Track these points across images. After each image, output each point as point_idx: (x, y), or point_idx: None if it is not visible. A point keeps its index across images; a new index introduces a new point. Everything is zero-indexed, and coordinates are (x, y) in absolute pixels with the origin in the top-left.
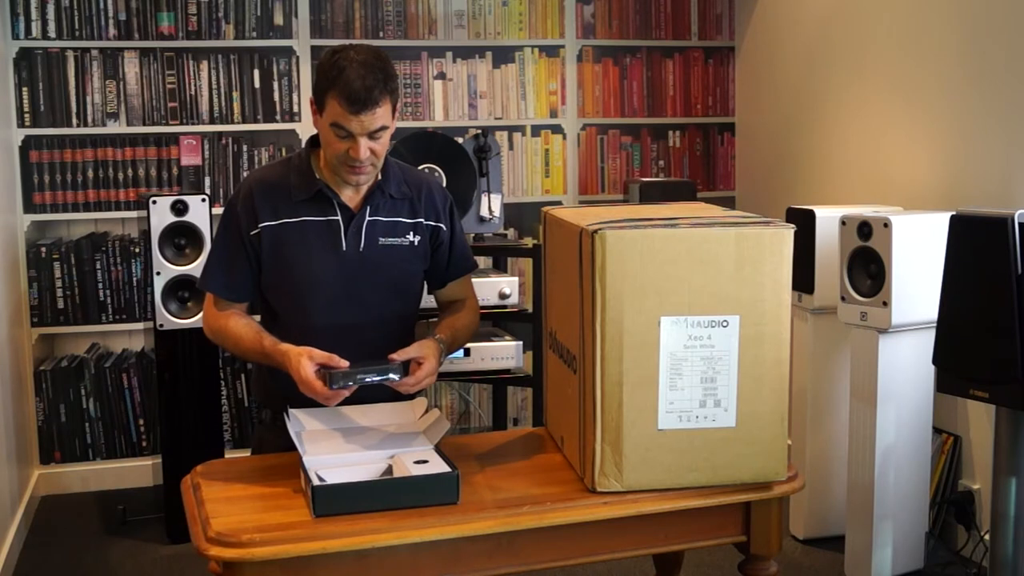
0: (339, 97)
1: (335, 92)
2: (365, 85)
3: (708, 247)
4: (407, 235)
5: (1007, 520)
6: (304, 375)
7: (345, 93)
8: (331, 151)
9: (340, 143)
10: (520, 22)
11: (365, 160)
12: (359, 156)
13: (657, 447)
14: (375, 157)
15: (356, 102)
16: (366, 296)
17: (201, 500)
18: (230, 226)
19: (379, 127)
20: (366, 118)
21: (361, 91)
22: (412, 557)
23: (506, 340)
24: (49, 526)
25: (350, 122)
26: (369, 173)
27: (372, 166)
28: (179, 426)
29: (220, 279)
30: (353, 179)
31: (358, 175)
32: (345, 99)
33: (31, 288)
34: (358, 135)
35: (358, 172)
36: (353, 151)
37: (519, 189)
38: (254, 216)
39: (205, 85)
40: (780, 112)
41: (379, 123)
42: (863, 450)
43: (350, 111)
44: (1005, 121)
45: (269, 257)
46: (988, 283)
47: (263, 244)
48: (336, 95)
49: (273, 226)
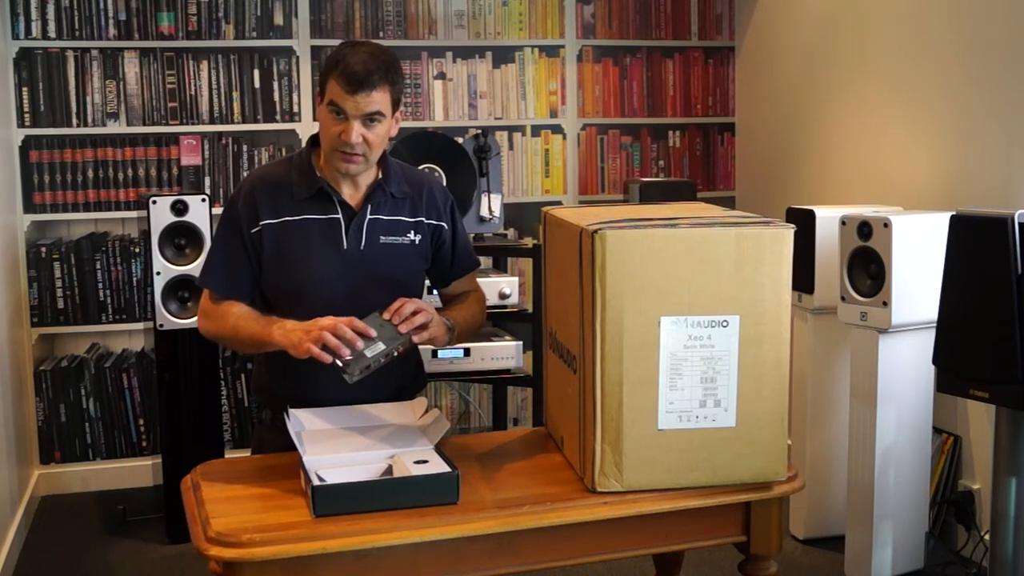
0: (338, 77)
1: (335, 73)
2: (366, 68)
3: (708, 247)
4: (408, 234)
5: (1007, 520)
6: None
7: (345, 74)
8: (327, 137)
9: (335, 126)
10: (520, 22)
11: (356, 145)
12: (350, 139)
13: (657, 447)
14: (367, 147)
15: (353, 81)
16: (367, 294)
17: (201, 500)
18: (231, 224)
19: (374, 111)
20: (361, 99)
21: (361, 73)
22: (412, 557)
23: (506, 340)
24: (49, 526)
25: (345, 101)
26: (359, 163)
27: (363, 156)
28: (179, 426)
29: (221, 277)
30: (344, 167)
31: (348, 162)
32: (345, 79)
33: (31, 288)
34: (351, 116)
35: (349, 159)
36: (345, 134)
37: (519, 189)
38: (255, 214)
39: (205, 85)
40: (780, 112)
41: (374, 107)
42: (863, 450)
43: (346, 90)
44: (1005, 121)
45: (270, 255)
46: (988, 283)
47: (264, 242)
48: (336, 76)
49: (274, 224)
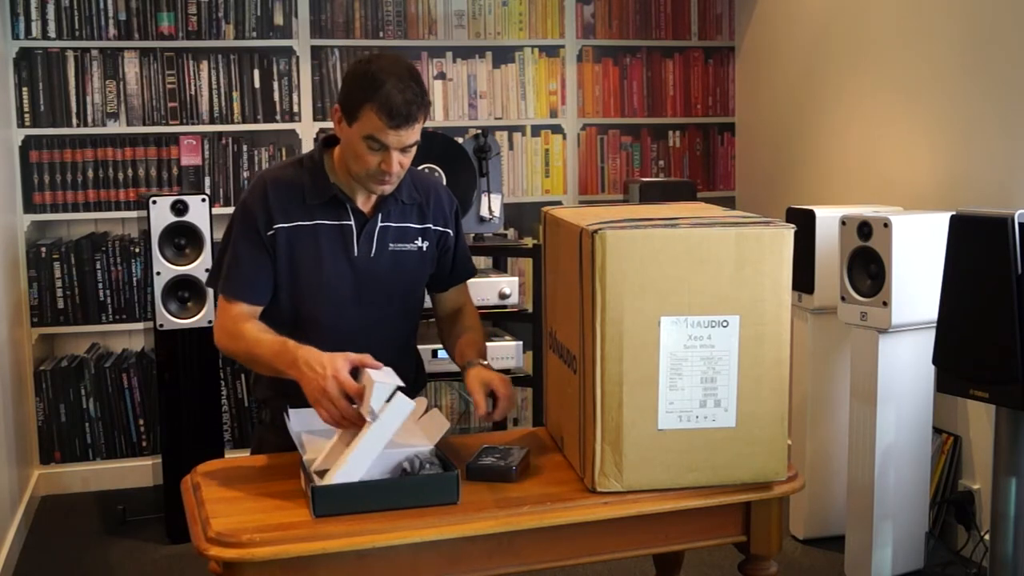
0: (379, 111)
1: (374, 105)
2: (406, 100)
3: (708, 247)
4: (416, 240)
5: (1007, 520)
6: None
7: (386, 108)
8: (360, 164)
9: (371, 156)
10: (520, 22)
11: (395, 174)
12: (391, 170)
13: (657, 447)
14: (402, 170)
15: (397, 116)
16: (374, 300)
17: (201, 500)
18: (248, 225)
19: (414, 141)
20: (404, 133)
21: (402, 106)
22: (412, 557)
23: (506, 340)
24: (49, 526)
25: (387, 136)
26: (395, 184)
27: (398, 178)
28: (179, 426)
29: (244, 281)
30: (380, 189)
31: (384, 186)
32: (386, 114)
33: (31, 288)
34: (393, 149)
35: (386, 183)
36: (386, 164)
37: (519, 189)
38: (269, 216)
39: (205, 85)
40: (780, 112)
41: (414, 138)
42: (863, 450)
43: (389, 125)
44: (1005, 121)
45: (282, 258)
46: (988, 283)
47: (277, 245)
48: (375, 108)
49: (286, 228)
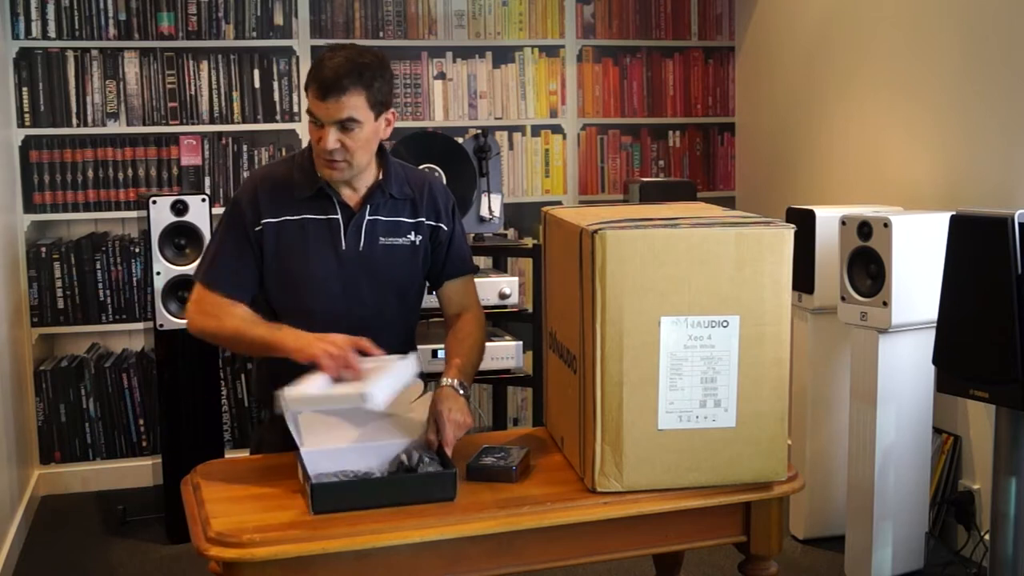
0: (311, 82)
1: (309, 78)
2: (335, 74)
3: (708, 247)
4: (408, 235)
5: (1007, 520)
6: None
7: (317, 78)
8: (313, 144)
9: (314, 133)
10: (520, 22)
11: (334, 151)
12: (326, 145)
13: (657, 447)
14: (347, 152)
15: (322, 88)
16: (366, 296)
17: (201, 500)
18: (235, 222)
19: (347, 117)
20: (331, 105)
21: (330, 78)
22: (412, 557)
23: (506, 340)
24: (49, 526)
25: (318, 108)
26: (342, 170)
27: (346, 162)
28: (179, 426)
29: (226, 276)
30: (327, 174)
31: (331, 169)
32: (316, 84)
33: (31, 288)
34: (325, 122)
35: (331, 167)
36: (322, 141)
37: (519, 189)
38: (257, 212)
39: (205, 85)
40: (780, 112)
41: (346, 112)
42: (863, 450)
43: (318, 96)
44: (1005, 121)
45: (270, 254)
46: (988, 283)
47: (265, 240)
48: (310, 80)
49: (275, 223)
